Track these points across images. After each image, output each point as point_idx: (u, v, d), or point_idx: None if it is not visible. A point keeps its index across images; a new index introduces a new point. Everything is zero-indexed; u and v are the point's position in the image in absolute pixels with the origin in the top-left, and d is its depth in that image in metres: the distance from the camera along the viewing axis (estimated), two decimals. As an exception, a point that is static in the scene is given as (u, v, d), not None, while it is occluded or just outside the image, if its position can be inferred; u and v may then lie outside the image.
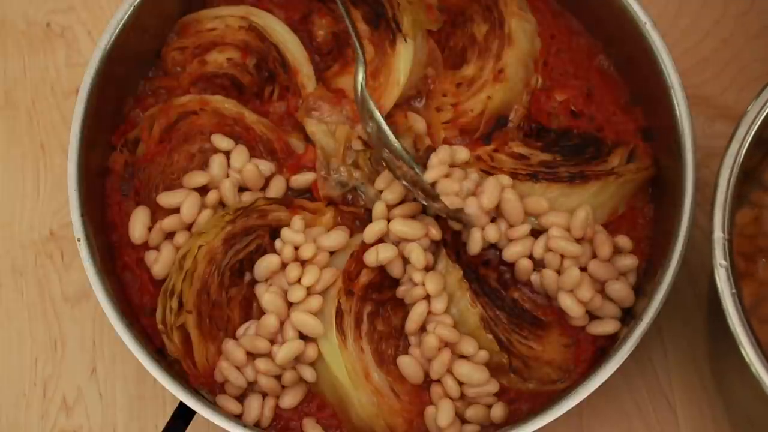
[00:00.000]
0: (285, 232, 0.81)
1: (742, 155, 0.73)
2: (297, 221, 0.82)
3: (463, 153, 0.85)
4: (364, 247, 0.82)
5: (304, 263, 0.80)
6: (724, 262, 0.70)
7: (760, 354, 0.68)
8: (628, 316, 0.81)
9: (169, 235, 0.84)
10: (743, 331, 0.69)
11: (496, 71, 0.86)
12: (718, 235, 0.71)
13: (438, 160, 0.83)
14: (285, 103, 0.89)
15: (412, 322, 0.80)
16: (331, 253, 0.82)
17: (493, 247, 0.83)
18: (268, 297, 0.79)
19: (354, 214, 0.86)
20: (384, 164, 0.81)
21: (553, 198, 0.82)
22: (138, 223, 0.84)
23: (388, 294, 0.83)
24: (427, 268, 0.81)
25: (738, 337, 0.69)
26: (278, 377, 0.80)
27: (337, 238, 0.82)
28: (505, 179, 0.82)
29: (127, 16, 0.85)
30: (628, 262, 0.82)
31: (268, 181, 0.86)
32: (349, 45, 0.88)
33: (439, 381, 0.80)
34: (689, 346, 0.89)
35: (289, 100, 0.89)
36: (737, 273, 0.72)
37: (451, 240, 0.83)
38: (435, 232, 0.82)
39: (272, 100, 0.89)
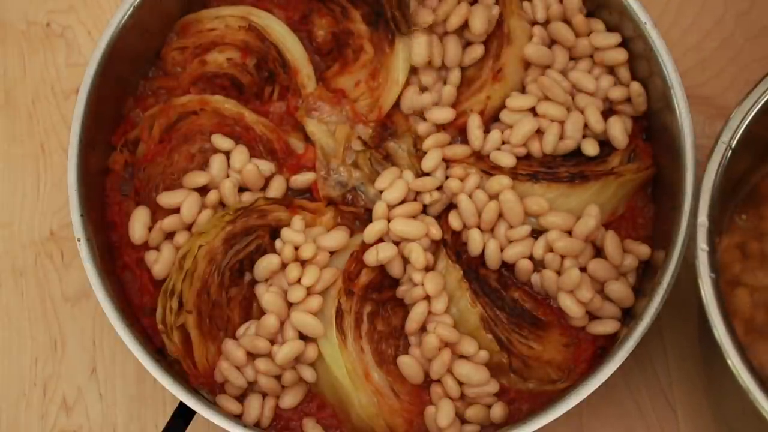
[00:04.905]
0: (285, 232, 0.81)
1: (734, 143, 0.74)
2: (297, 221, 0.82)
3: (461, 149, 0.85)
4: (364, 247, 0.82)
5: (304, 263, 0.80)
6: (705, 247, 0.71)
7: (732, 333, 0.69)
8: (628, 316, 0.81)
9: (169, 235, 0.84)
10: (717, 312, 0.69)
11: (495, 71, 0.86)
12: (702, 219, 0.72)
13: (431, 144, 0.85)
14: (285, 103, 0.89)
15: (412, 322, 0.80)
16: (331, 253, 0.82)
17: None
18: (268, 297, 0.79)
19: (354, 214, 0.86)
20: None
21: (552, 198, 0.82)
22: (138, 223, 0.84)
23: (388, 294, 0.83)
24: (427, 268, 0.81)
25: (710, 315, 0.69)
26: (278, 377, 0.80)
27: (337, 238, 0.82)
28: (505, 180, 0.82)
29: (127, 16, 0.85)
30: (628, 262, 0.82)
31: (268, 181, 0.86)
32: (349, 45, 0.89)
33: (439, 381, 0.80)
34: (689, 345, 0.89)
35: (289, 100, 0.89)
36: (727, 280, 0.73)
37: (451, 240, 0.83)
38: (435, 232, 0.82)
39: (272, 100, 0.89)
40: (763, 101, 0.75)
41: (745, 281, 0.77)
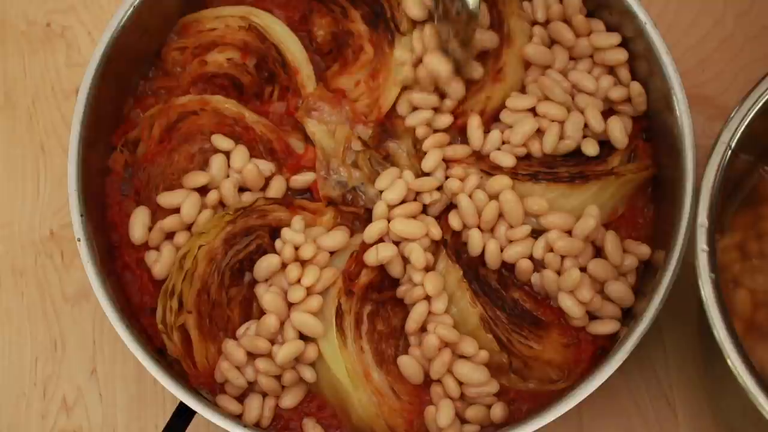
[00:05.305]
0: (285, 232, 0.81)
1: (734, 144, 0.74)
2: (297, 221, 0.82)
3: (461, 149, 0.86)
4: (364, 247, 0.82)
5: (304, 263, 0.80)
6: (705, 247, 0.71)
7: (732, 333, 0.69)
8: (628, 316, 0.81)
9: (169, 235, 0.84)
10: (717, 312, 0.69)
11: (495, 71, 0.86)
12: (702, 220, 0.72)
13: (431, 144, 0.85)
14: (285, 103, 0.89)
15: (413, 322, 0.80)
16: (331, 253, 0.82)
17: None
18: (268, 297, 0.79)
19: (354, 214, 0.86)
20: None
21: (552, 198, 0.82)
22: (138, 223, 0.84)
23: (388, 294, 0.83)
24: (427, 268, 0.81)
25: (710, 315, 0.69)
26: (278, 377, 0.80)
27: (337, 238, 0.82)
28: (505, 180, 0.82)
29: (127, 16, 0.85)
30: (628, 262, 0.82)
31: (268, 181, 0.86)
32: (349, 45, 0.89)
33: (439, 381, 0.80)
34: (689, 345, 0.89)
35: (289, 100, 0.89)
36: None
37: (451, 240, 0.83)
38: (435, 232, 0.82)
39: (272, 100, 0.89)
40: (762, 101, 0.75)
41: (744, 281, 0.77)
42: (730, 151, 0.74)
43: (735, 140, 0.74)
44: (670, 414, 0.88)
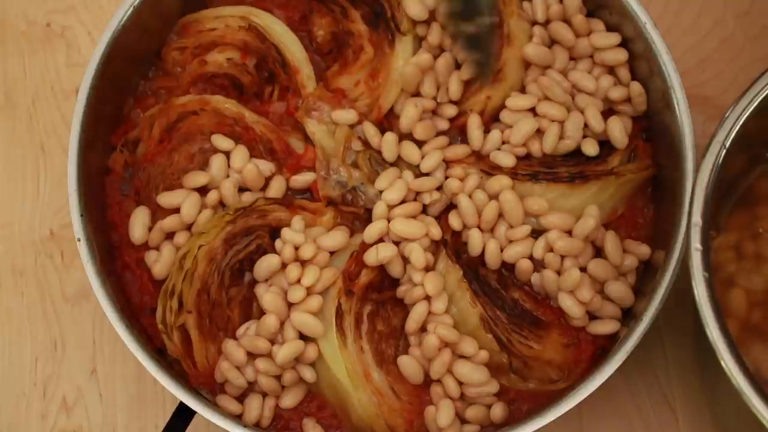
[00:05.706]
0: (285, 232, 0.81)
1: (728, 143, 0.74)
2: (297, 221, 0.82)
3: (462, 149, 0.86)
4: (364, 247, 0.82)
5: (304, 263, 0.80)
6: (699, 246, 0.71)
7: (725, 333, 0.69)
8: (628, 316, 0.81)
9: (169, 235, 0.84)
10: (711, 312, 0.69)
11: (495, 71, 0.86)
12: (696, 219, 0.72)
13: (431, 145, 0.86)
14: (285, 103, 0.89)
15: (413, 322, 0.80)
16: (331, 253, 0.82)
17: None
18: (268, 297, 0.79)
19: (354, 214, 0.86)
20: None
21: (552, 198, 0.82)
22: (138, 223, 0.84)
23: (388, 294, 0.83)
24: (427, 268, 0.81)
25: (703, 315, 0.69)
26: (278, 377, 0.80)
27: (337, 238, 0.82)
28: (505, 180, 0.82)
29: (127, 16, 0.85)
30: (628, 262, 0.82)
31: (268, 181, 0.86)
32: (349, 45, 0.89)
33: (439, 381, 0.80)
34: (688, 346, 0.89)
35: (289, 100, 0.89)
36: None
37: (451, 240, 0.83)
38: (435, 232, 0.82)
39: (272, 100, 0.89)
40: (758, 101, 0.74)
41: (740, 281, 0.77)
42: (724, 151, 0.73)
43: (730, 140, 0.74)
44: (669, 414, 0.88)
